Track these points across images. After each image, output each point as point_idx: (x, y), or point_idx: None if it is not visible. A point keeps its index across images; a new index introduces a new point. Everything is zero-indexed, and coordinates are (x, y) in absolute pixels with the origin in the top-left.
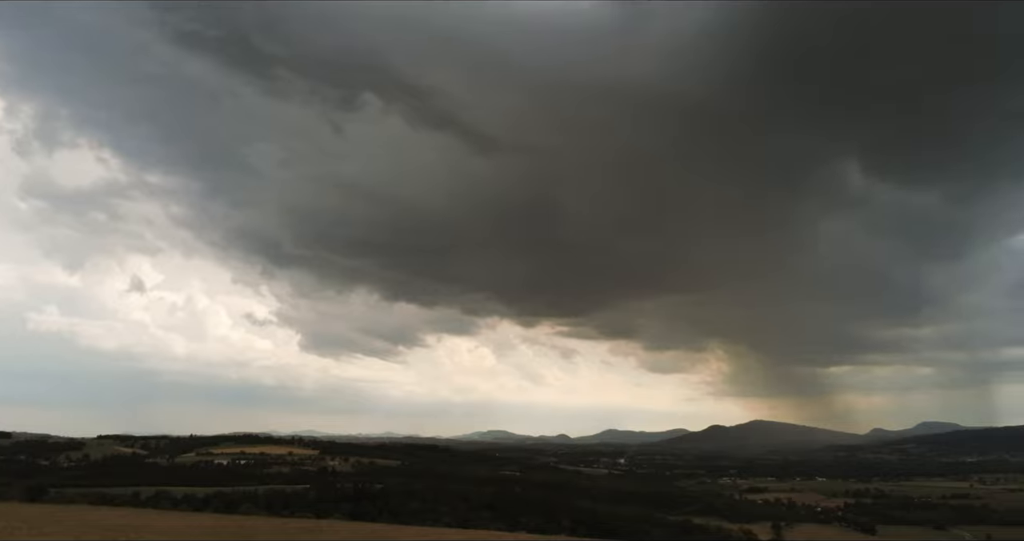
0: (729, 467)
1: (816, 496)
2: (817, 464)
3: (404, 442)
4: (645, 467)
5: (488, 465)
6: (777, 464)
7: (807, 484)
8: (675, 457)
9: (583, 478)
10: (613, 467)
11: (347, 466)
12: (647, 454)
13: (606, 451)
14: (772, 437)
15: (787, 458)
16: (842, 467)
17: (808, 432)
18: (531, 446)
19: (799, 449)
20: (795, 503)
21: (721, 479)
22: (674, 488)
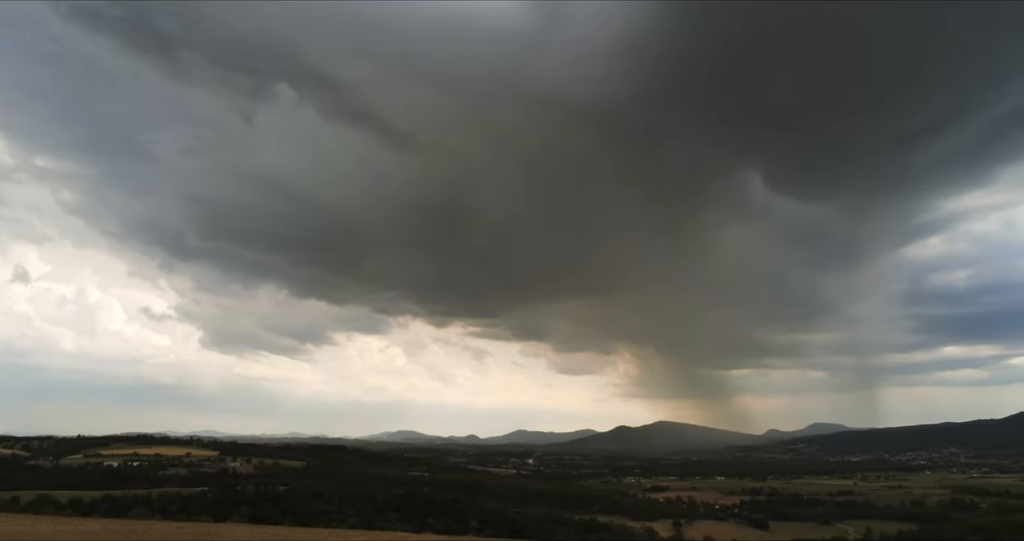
0: (634, 467)
1: (715, 494)
2: (717, 463)
3: (310, 443)
4: (553, 467)
5: (396, 466)
6: (679, 464)
7: (707, 483)
8: (582, 457)
9: (491, 478)
10: (522, 467)
11: (249, 467)
12: (555, 454)
13: (515, 451)
14: (676, 437)
15: (689, 458)
16: (739, 466)
17: (710, 433)
18: (441, 447)
19: (701, 449)
20: (695, 501)
21: (626, 478)
22: (580, 487)
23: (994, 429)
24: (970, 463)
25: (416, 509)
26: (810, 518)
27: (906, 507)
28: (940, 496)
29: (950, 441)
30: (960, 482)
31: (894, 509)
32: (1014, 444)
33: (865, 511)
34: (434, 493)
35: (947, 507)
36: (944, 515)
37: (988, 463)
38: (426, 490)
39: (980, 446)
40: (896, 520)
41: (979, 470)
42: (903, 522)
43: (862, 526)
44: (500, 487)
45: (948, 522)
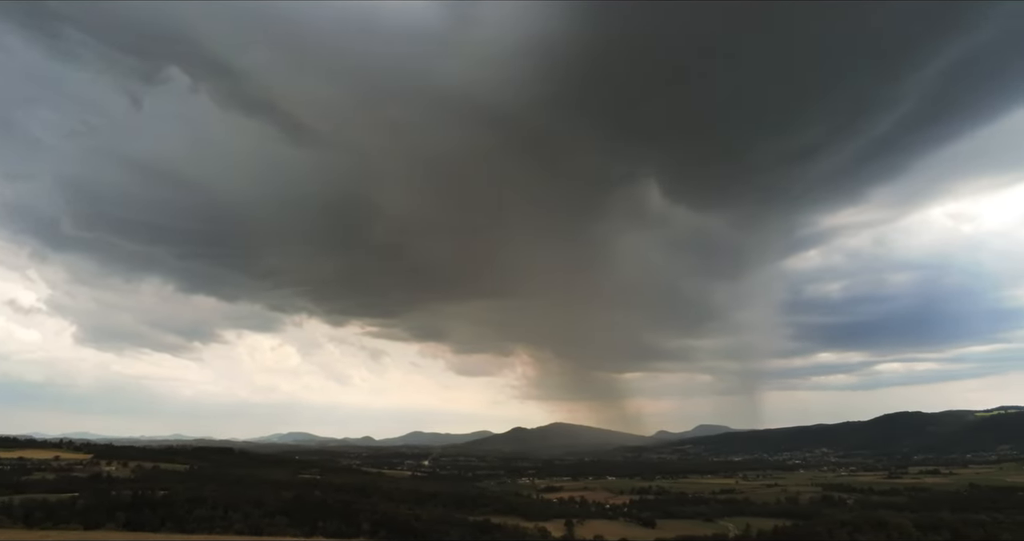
0: (529, 468)
1: (606, 494)
2: (608, 464)
3: (195, 445)
4: (449, 468)
5: (287, 469)
6: (573, 464)
7: (599, 483)
8: (479, 458)
9: (386, 480)
10: (417, 469)
11: (126, 471)
12: (451, 455)
13: (411, 453)
14: (570, 438)
15: (582, 459)
16: (630, 466)
17: (603, 434)
18: (334, 448)
19: (594, 450)
20: (587, 501)
21: (521, 479)
22: (475, 489)
23: (861, 430)
24: (839, 462)
25: (306, 513)
26: (695, 516)
27: (781, 504)
28: (812, 493)
29: (822, 441)
30: (830, 480)
31: (771, 506)
32: (878, 444)
33: (745, 508)
34: (326, 496)
35: (818, 504)
36: (815, 511)
37: (855, 462)
38: (317, 493)
39: (848, 446)
40: (772, 516)
41: (847, 469)
42: (779, 518)
43: (742, 523)
44: (394, 489)
45: (818, 518)
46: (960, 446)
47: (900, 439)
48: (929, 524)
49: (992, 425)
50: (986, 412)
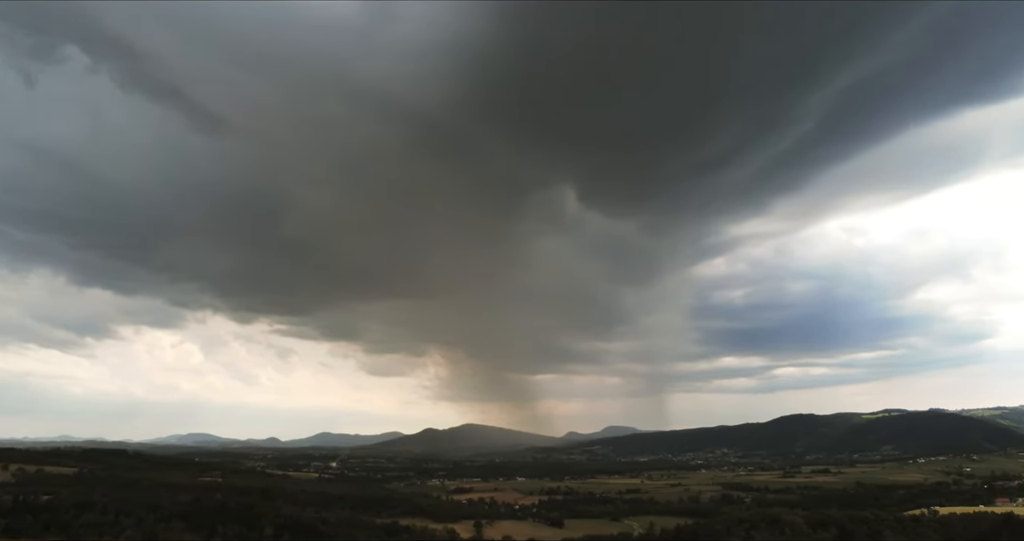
0: (439, 469)
1: (515, 494)
2: (519, 465)
3: (84, 446)
4: (357, 470)
5: (186, 471)
6: (484, 465)
7: (509, 483)
8: (388, 460)
9: (291, 483)
10: (324, 471)
11: (6, 475)
12: (360, 457)
13: (318, 455)
14: (482, 440)
15: (493, 460)
16: (540, 467)
17: (514, 435)
18: (237, 450)
19: (504, 451)
20: (496, 501)
21: (431, 481)
22: (384, 490)
23: (759, 431)
24: (739, 462)
25: (205, 517)
26: (602, 515)
27: (684, 503)
28: (713, 492)
29: (723, 442)
30: (730, 479)
31: (674, 505)
32: (774, 445)
33: (649, 507)
34: (227, 499)
35: (718, 502)
36: (715, 510)
37: (753, 462)
38: (218, 496)
39: (748, 446)
40: (675, 515)
41: (745, 468)
42: (681, 517)
43: (646, 521)
44: (299, 491)
45: (718, 516)
46: (848, 446)
47: (795, 440)
48: (819, 521)
49: (877, 427)
50: (872, 414)
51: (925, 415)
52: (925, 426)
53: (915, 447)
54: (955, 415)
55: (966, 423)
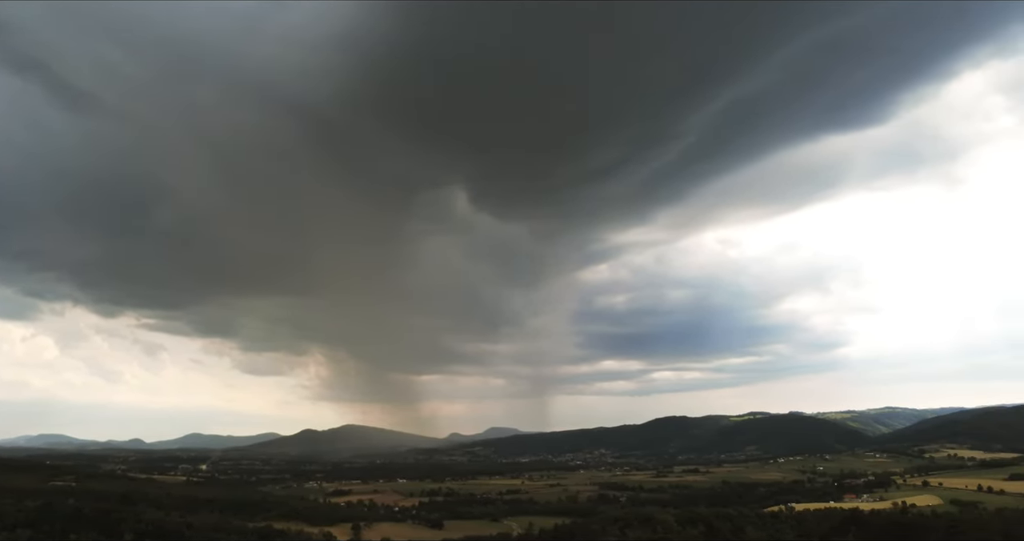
0: (317, 471)
1: (396, 496)
2: (400, 466)
3: None
4: (230, 473)
5: (36, 475)
6: (364, 467)
7: (389, 485)
8: (263, 462)
9: (155, 486)
10: (193, 474)
11: None
12: (233, 459)
13: (187, 457)
14: (362, 441)
15: (374, 461)
16: (422, 469)
17: (396, 436)
18: (95, 452)
19: (386, 452)
20: (376, 503)
21: (308, 483)
22: (257, 493)
23: (636, 433)
24: (615, 462)
25: (57, 524)
26: (482, 516)
27: (563, 503)
28: (590, 492)
29: (602, 443)
30: (606, 479)
31: (553, 505)
32: (649, 445)
33: (529, 508)
34: (81, 505)
35: (595, 502)
36: (592, 509)
37: (629, 462)
38: (71, 502)
39: (624, 447)
40: (554, 515)
41: (622, 468)
42: (559, 517)
43: (525, 522)
44: (164, 496)
45: (594, 515)
46: (717, 447)
47: (669, 441)
48: (688, 519)
49: (743, 429)
50: (739, 417)
51: (786, 418)
52: (785, 428)
53: (776, 448)
54: (812, 418)
55: (821, 425)
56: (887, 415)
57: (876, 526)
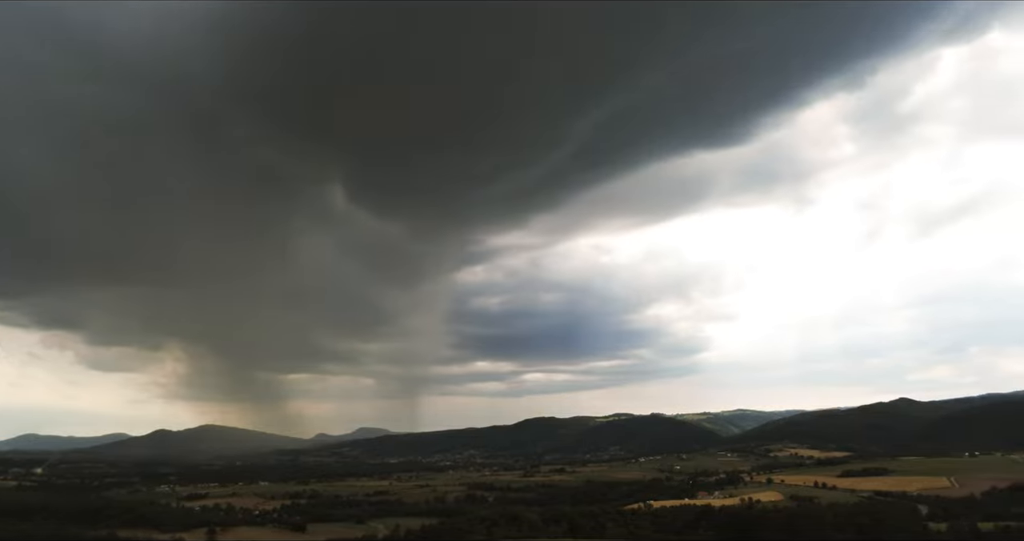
0: (170, 474)
1: (256, 499)
2: (262, 468)
3: None
4: (69, 477)
5: None
6: (222, 469)
7: (250, 488)
8: (109, 465)
9: None
10: (26, 478)
11: None
12: (74, 462)
13: (20, 459)
14: (222, 442)
15: (233, 463)
16: (286, 470)
17: (259, 437)
18: None
19: (247, 454)
20: (234, 507)
21: (159, 487)
22: (100, 499)
23: (505, 433)
24: (484, 462)
25: None
26: (347, 518)
27: (430, 504)
28: (458, 492)
29: (472, 444)
30: (475, 479)
31: (420, 506)
32: (518, 446)
33: (396, 509)
34: None
35: (462, 502)
36: (459, 509)
37: (498, 462)
38: None
39: (494, 447)
40: (421, 516)
41: (490, 469)
42: (427, 517)
43: (392, 523)
44: None
45: (461, 515)
46: (583, 447)
47: (537, 441)
48: (553, 517)
49: (608, 429)
50: (604, 418)
51: (648, 419)
52: (647, 429)
53: (638, 448)
54: (672, 419)
55: (680, 426)
56: (739, 417)
57: (725, 521)
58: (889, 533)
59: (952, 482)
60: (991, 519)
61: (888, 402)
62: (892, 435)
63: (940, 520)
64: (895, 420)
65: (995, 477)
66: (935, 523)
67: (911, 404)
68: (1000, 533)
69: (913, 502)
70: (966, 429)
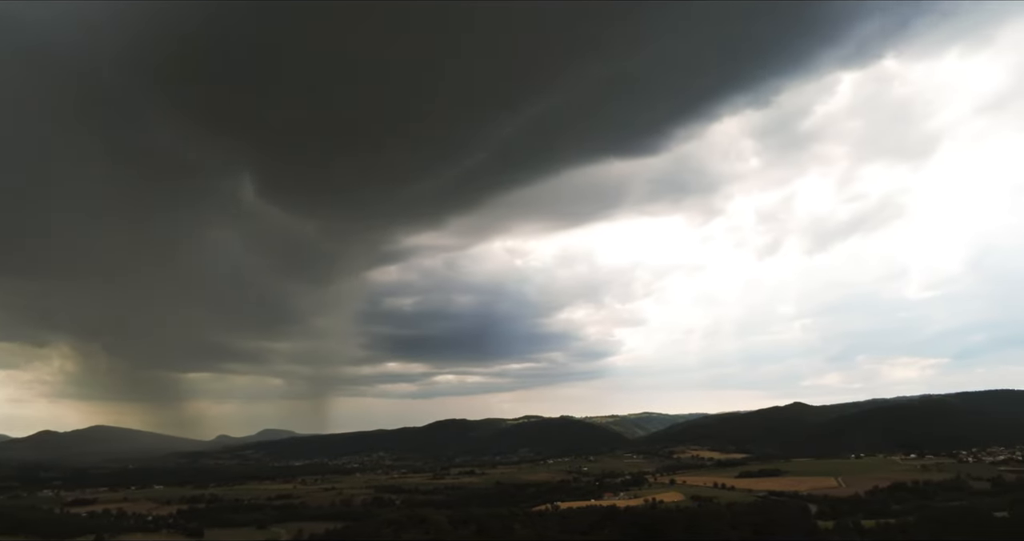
0: (55, 478)
1: (150, 504)
2: (158, 471)
3: None
4: None
5: None
6: (114, 473)
7: (143, 492)
8: None
9: None
10: None
11: None
12: None
13: None
14: (115, 444)
15: (126, 466)
16: (184, 473)
17: (156, 439)
18: None
19: (143, 456)
20: (125, 513)
21: (42, 492)
22: None
23: (416, 435)
24: (393, 465)
25: None
26: (248, 523)
27: (336, 507)
28: (365, 495)
29: (381, 446)
30: (383, 482)
31: (325, 509)
32: (429, 448)
33: (301, 513)
34: None
35: (369, 505)
36: (366, 512)
37: (407, 464)
38: None
39: (404, 449)
40: (326, 519)
41: (399, 471)
42: (332, 521)
43: (295, 527)
44: None
45: (368, 518)
46: (494, 449)
47: (448, 443)
48: (461, 519)
49: (518, 431)
50: (515, 420)
51: (557, 421)
52: (557, 431)
53: (547, 450)
54: (581, 421)
55: (588, 429)
56: (645, 419)
57: (629, 521)
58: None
59: (839, 482)
60: (874, 517)
61: (783, 406)
62: (787, 437)
63: (828, 518)
64: (789, 423)
65: (878, 477)
66: (823, 521)
67: (804, 408)
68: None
69: (804, 501)
70: (853, 432)
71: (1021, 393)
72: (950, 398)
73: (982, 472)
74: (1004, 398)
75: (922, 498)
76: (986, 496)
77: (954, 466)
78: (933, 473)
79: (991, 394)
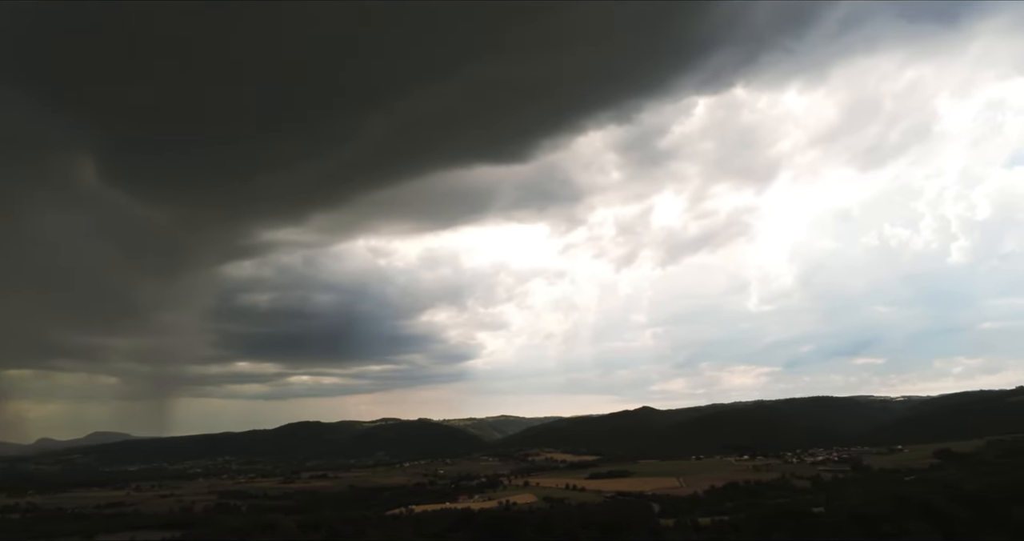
0: None
1: None
2: None
3: None
4: None
5: None
6: None
7: None
8: None
9: None
10: None
11: None
12: None
13: None
14: None
15: None
16: None
17: None
18: None
19: None
20: None
21: None
22: None
23: (266, 438)
24: (240, 469)
25: None
26: (72, 534)
27: (174, 514)
28: (208, 502)
29: (228, 449)
30: (228, 487)
31: (162, 517)
32: (280, 451)
33: (134, 521)
34: None
35: (212, 512)
36: (207, 519)
37: (255, 469)
38: None
39: (253, 453)
40: (163, 528)
41: (246, 475)
42: (169, 530)
43: (128, 537)
44: None
45: (209, 526)
46: (350, 452)
47: (301, 446)
48: (311, 524)
49: (375, 434)
50: (372, 423)
51: (415, 424)
52: (414, 434)
53: (404, 453)
54: (439, 424)
55: (446, 431)
56: (502, 422)
57: (483, 523)
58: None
59: (680, 482)
60: (709, 514)
61: (633, 410)
62: (636, 440)
63: (669, 516)
64: (639, 426)
65: (715, 477)
66: (665, 519)
67: (652, 412)
68: (715, 526)
69: (648, 500)
70: (694, 435)
71: (839, 399)
72: (780, 404)
73: (804, 472)
74: (825, 404)
75: (752, 497)
76: (807, 494)
77: (781, 466)
78: (763, 473)
79: (814, 400)
